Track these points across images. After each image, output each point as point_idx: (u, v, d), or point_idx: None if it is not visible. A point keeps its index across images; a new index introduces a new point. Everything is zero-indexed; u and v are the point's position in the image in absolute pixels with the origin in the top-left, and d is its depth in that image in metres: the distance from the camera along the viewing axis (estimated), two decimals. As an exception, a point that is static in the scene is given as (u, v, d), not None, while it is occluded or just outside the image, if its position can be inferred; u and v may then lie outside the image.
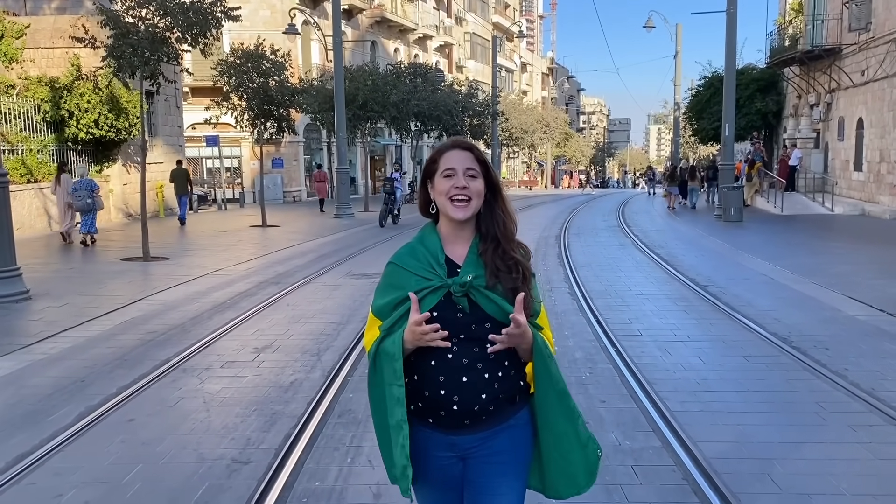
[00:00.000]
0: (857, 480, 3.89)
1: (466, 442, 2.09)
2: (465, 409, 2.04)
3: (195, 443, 4.51)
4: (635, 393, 5.31)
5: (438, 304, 2.02)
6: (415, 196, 7.15)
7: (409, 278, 2.07)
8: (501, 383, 2.05)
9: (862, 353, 6.37)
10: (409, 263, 2.10)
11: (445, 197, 2.06)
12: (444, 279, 2.04)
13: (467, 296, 2.03)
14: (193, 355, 6.52)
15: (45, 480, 4.02)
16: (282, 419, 4.89)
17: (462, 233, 2.11)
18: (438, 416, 2.06)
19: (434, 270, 2.06)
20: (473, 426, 2.07)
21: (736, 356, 6.36)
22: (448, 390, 2.03)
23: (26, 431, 4.72)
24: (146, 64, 12.23)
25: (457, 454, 2.11)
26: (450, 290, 2.03)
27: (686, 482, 3.89)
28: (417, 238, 2.16)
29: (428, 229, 2.16)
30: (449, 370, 2.03)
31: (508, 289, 2.04)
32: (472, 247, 2.10)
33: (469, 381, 2.02)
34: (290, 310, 8.52)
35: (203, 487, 3.88)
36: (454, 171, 2.06)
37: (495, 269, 2.05)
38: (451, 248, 2.11)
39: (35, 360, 6.47)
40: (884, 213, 19.18)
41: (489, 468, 2.11)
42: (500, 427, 2.09)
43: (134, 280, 10.71)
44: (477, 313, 2.03)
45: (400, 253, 2.16)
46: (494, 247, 2.08)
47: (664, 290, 9.61)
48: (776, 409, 5.01)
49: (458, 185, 2.04)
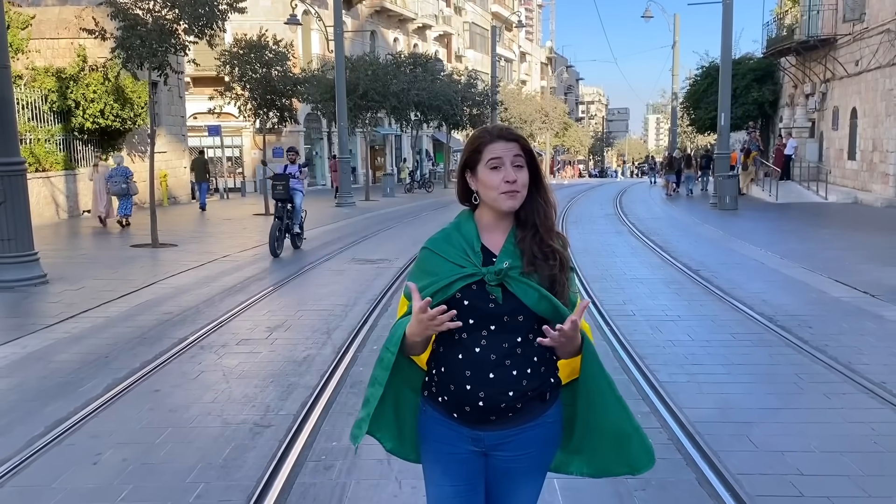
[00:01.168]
0: (826, 440, 4.26)
1: (491, 438, 2.06)
2: (492, 406, 2.00)
3: (219, 410, 4.87)
4: (627, 366, 5.68)
5: (470, 292, 1.99)
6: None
7: (443, 264, 2.03)
8: (530, 380, 2.02)
9: (843, 331, 6.73)
10: (444, 249, 2.06)
11: (496, 191, 2.00)
12: (478, 267, 2.00)
13: (502, 286, 1.99)
14: (209, 334, 6.87)
15: (83, 442, 4.38)
16: (297, 389, 5.25)
17: (501, 222, 2.07)
18: (464, 412, 2.03)
19: (468, 258, 2.02)
20: (499, 422, 2.04)
21: (724, 334, 6.73)
22: (474, 386, 2.00)
23: (60, 400, 5.08)
24: (154, 55, 12.53)
25: (480, 449, 2.09)
26: (483, 278, 1.99)
27: (671, 442, 4.26)
28: (454, 224, 2.11)
29: (465, 215, 2.12)
30: (476, 365, 1.99)
31: (545, 276, 2.00)
32: (510, 236, 2.06)
33: (496, 378, 1.99)
34: (298, 292, 8.87)
35: (230, 447, 4.24)
36: (501, 163, 2.00)
37: (532, 256, 2.01)
38: (487, 237, 2.07)
39: (59, 338, 6.82)
40: (876, 201, 19.54)
41: (513, 467, 2.10)
42: (529, 425, 2.07)
43: (145, 265, 11.06)
44: (511, 304, 1.98)
45: (435, 238, 2.11)
46: (533, 234, 2.04)
47: (658, 275, 9.97)
48: (757, 380, 5.38)
49: (509, 178, 1.99)
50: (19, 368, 5.87)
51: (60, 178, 17.96)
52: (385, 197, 28.08)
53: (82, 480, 3.85)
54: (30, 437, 4.41)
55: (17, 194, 9.14)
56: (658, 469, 3.84)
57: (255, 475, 3.85)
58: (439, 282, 1.99)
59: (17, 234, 9.12)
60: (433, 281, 2.01)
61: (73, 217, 18.34)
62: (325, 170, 36.20)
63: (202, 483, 3.80)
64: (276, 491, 3.66)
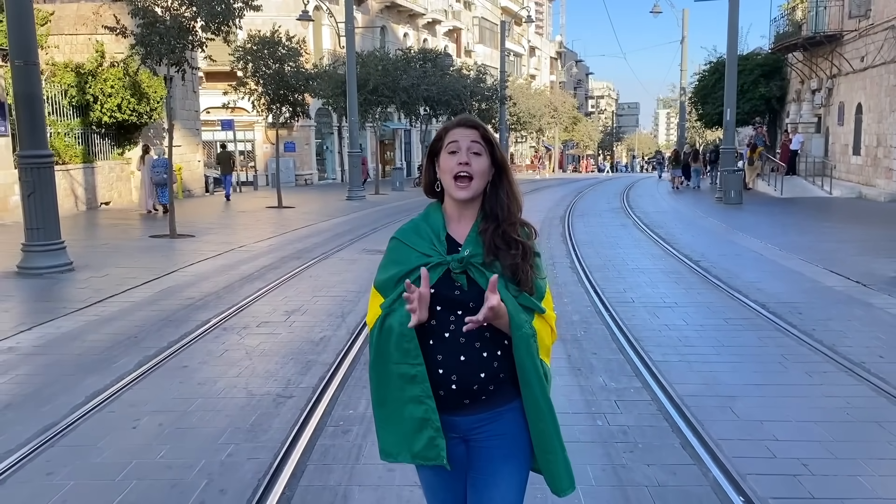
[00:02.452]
0: (803, 412, 4.62)
1: (467, 423, 2.09)
2: (464, 388, 2.04)
3: (244, 383, 5.28)
4: (623, 347, 6.05)
5: (438, 281, 2.03)
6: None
7: (410, 254, 2.09)
8: (501, 362, 2.05)
9: (831, 317, 7.08)
10: (412, 239, 2.12)
11: (450, 175, 2.06)
12: (443, 255, 2.05)
13: (466, 273, 2.04)
14: (231, 317, 7.29)
15: (122, 409, 4.79)
16: (315, 366, 5.65)
17: (466, 212, 2.12)
18: (438, 396, 2.05)
19: (434, 247, 2.07)
20: (474, 406, 2.07)
21: (717, 319, 7.09)
22: (446, 369, 2.03)
23: (96, 374, 5.49)
24: (172, 52, 12.94)
25: (458, 435, 2.11)
26: (449, 266, 2.05)
27: (659, 413, 4.63)
28: (422, 215, 2.17)
29: (433, 207, 2.18)
30: (447, 349, 2.03)
31: (507, 265, 2.04)
32: (474, 226, 2.10)
33: (467, 360, 2.02)
34: (312, 280, 9.28)
35: (256, 415, 4.65)
36: (458, 147, 2.06)
37: (494, 247, 2.05)
38: (453, 227, 2.12)
39: (90, 320, 7.24)
40: (879, 196, 19.78)
41: (491, 451, 2.11)
42: (504, 409, 2.09)
43: (165, 254, 11.50)
44: (475, 290, 2.02)
45: (403, 229, 2.18)
46: (495, 227, 2.08)
47: (658, 265, 10.32)
48: (745, 360, 5.74)
49: (461, 160, 2.04)
50: (56, 346, 6.30)
51: (79, 170, 18.43)
52: (394, 191, 28.47)
53: (124, 441, 4.27)
54: (73, 405, 4.83)
55: (46, 186, 9.56)
56: (645, 434, 4.29)
57: (280, 437, 4.26)
58: (406, 270, 2.06)
59: (45, 223, 9.55)
60: (401, 270, 2.08)
61: (92, 209, 18.82)
62: (335, 164, 36.62)
63: (232, 444, 4.20)
64: (300, 450, 4.06)
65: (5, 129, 15.48)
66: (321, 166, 36.02)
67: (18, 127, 9.55)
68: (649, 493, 3.58)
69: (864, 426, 4.40)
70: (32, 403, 4.89)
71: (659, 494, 3.56)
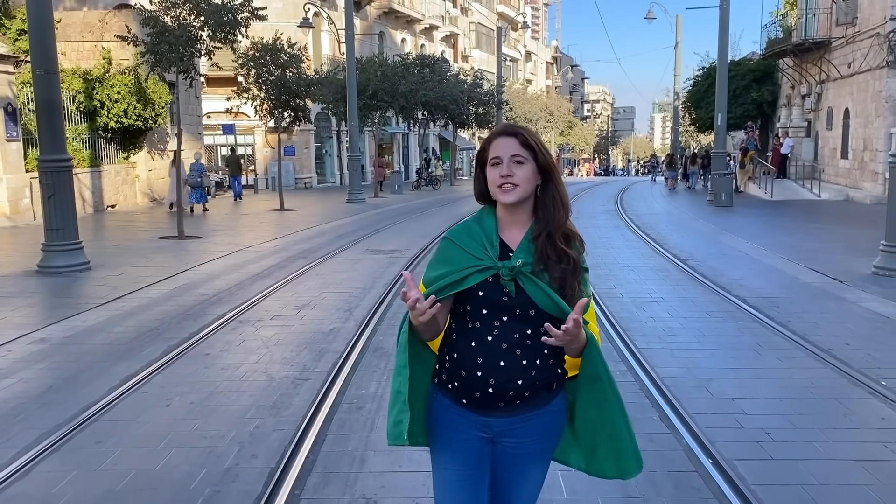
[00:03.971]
0: (771, 390, 5.13)
1: (499, 424, 2.13)
2: (500, 392, 2.08)
3: (263, 368, 5.76)
4: (611, 336, 6.55)
5: (486, 284, 2.06)
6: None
7: (461, 255, 2.09)
8: (539, 370, 2.09)
9: (806, 310, 7.59)
10: (464, 241, 2.12)
11: (494, 185, 2.08)
12: (494, 261, 2.06)
13: (515, 280, 2.05)
14: (245, 311, 7.77)
15: (154, 391, 5.27)
16: (328, 353, 6.14)
17: (517, 217, 2.12)
18: (473, 397, 2.10)
19: (486, 251, 2.08)
20: (507, 409, 2.11)
21: (700, 312, 7.60)
22: (485, 372, 2.07)
23: (126, 361, 5.97)
24: (181, 60, 13.44)
25: (488, 435, 2.16)
26: (498, 272, 2.06)
27: (641, 392, 5.13)
28: (475, 217, 2.18)
29: (487, 210, 2.18)
30: (488, 353, 2.06)
31: (556, 277, 2.05)
32: (528, 232, 2.11)
33: (506, 366, 2.06)
34: (319, 278, 9.76)
35: (277, 394, 5.14)
36: (500, 160, 2.07)
37: (545, 257, 2.06)
38: (506, 233, 2.13)
39: (112, 314, 7.72)
40: (865, 199, 20.33)
41: (520, 453, 2.17)
42: (535, 413, 2.13)
43: (175, 254, 11.98)
44: (522, 298, 2.05)
45: (456, 230, 2.19)
46: (546, 234, 2.09)
47: (648, 263, 10.83)
48: (722, 348, 6.25)
49: (503, 173, 2.06)
50: (85, 337, 6.78)
51: (87, 174, 18.90)
52: (393, 194, 28.97)
53: (161, 416, 4.75)
54: (109, 386, 5.31)
55: (64, 188, 10.04)
56: (629, 408, 4.71)
57: (301, 412, 4.75)
58: (456, 272, 2.08)
59: (63, 224, 10.02)
60: (450, 270, 2.09)
61: (98, 211, 19.28)
62: (334, 167, 37.12)
63: (258, 419, 4.69)
64: (319, 423, 4.55)
65: (17, 135, 15.95)
66: (320, 170, 36.52)
67: (39, 132, 10.03)
68: (629, 456, 4.07)
69: (825, 402, 4.91)
70: (72, 386, 5.37)
71: (638, 457, 4.05)
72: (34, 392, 5.24)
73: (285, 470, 3.89)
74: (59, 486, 3.76)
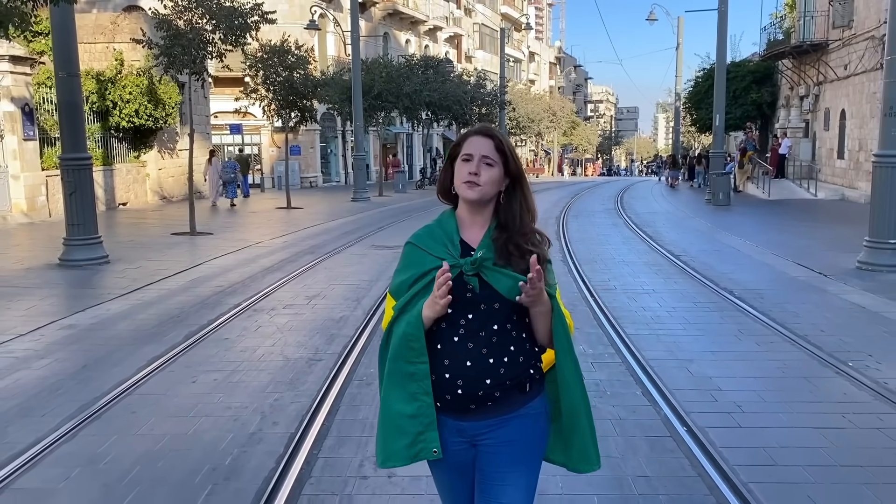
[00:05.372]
0: (746, 370, 5.58)
1: (474, 428, 2.13)
2: (470, 394, 2.08)
3: (279, 350, 6.23)
4: (602, 324, 7.01)
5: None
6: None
7: (425, 257, 2.14)
8: (508, 369, 2.09)
9: (788, 301, 8.03)
10: (426, 243, 2.17)
11: (460, 181, 2.12)
12: (456, 258, 2.10)
13: (478, 276, 2.09)
14: (258, 301, 8.24)
15: (180, 370, 5.75)
16: (338, 338, 6.61)
17: (477, 218, 2.17)
18: (445, 400, 2.10)
19: (448, 250, 2.12)
20: (480, 412, 2.11)
21: (688, 303, 8.06)
22: (452, 374, 2.08)
23: (152, 345, 6.45)
24: (194, 62, 13.92)
25: (466, 440, 2.16)
26: (462, 269, 2.08)
27: (627, 371, 5.59)
28: (436, 221, 2.22)
29: (447, 213, 2.23)
30: (454, 354, 2.08)
31: (519, 270, 2.08)
32: (488, 231, 2.15)
33: (473, 366, 2.07)
34: (327, 272, 10.23)
35: (293, 373, 5.61)
36: (471, 157, 2.11)
37: (507, 252, 2.11)
38: (467, 232, 2.17)
39: (134, 304, 8.20)
40: (860, 198, 20.70)
41: (498, 457, 2.15)
42: (510, 416, 2.13)
43: (189, 249, 12.46)
44: (486, 291, 2.08)
45: (418, 234, 2.23)
46: (507, 237, 2.13)
47: (642, 259, 11.28)
48: (706, 334, 6.71)
49: (471, 170, 2.10)
50: (110, 324, 7.25)
51: (99, 173, 19.30)
52: (397, 193, 29.43)
53: (188, 391, 5.22)
54: (138, 366, 5.78)
55: (85, 185, 10.53)
56: (614, 385, 5.28)
57: (316, 388, 5.22)
58: (422, 274, 2.13)
59: (84, 219, 10.50)
60: (416, 273, 2.15)
61: (111, 209, 19.77)
62: (339, 167, 37.61)
63: (277, 393, 5.16)
64: (332, 397, 5.01)
65: (33, 134, 16.45)
66: (325, 169, 37.01)
67: (61, 132, 10.52)
68: (612, 424, 4.53)
69: (794, 380, 5.36)
70: (104, 365, 5.85)
71: (619, 425, 4.52)
72: (70, 370, 5.72)
73: (304, 434, 4.36)
74: (103, 447, 4.24)
